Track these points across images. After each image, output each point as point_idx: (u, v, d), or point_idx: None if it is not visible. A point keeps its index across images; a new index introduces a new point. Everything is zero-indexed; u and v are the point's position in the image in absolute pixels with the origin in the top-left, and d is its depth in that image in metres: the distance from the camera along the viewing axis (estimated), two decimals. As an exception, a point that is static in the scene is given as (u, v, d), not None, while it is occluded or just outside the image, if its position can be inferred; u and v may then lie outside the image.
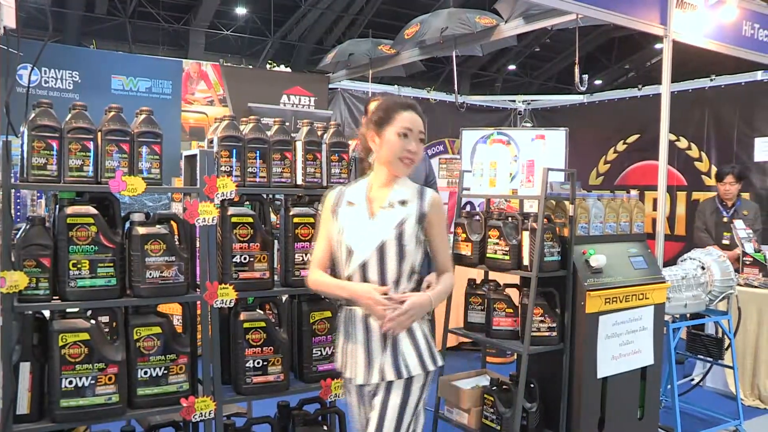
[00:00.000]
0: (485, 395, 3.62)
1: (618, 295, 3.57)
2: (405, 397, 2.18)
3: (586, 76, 5.21)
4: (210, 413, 2.63)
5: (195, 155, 2.70)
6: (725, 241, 5.50)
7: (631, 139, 7.75)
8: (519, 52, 19.55)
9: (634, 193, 4.00)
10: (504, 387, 3.62)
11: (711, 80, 6.93)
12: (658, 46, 18.22)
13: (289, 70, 8.64)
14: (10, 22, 2.32)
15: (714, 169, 6.80)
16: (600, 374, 3.51)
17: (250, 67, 12.64)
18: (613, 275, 3.59)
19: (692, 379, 5.06)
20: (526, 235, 3.46)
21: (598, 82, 20.13)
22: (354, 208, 2.28)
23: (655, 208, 5.80)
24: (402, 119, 2.23)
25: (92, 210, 2.41)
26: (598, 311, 3.49)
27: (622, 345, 3.60)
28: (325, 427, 2.99)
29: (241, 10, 17.46)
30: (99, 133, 2.46)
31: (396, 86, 8.03)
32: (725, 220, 5.53)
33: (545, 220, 3.47)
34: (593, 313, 3.47)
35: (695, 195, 5.57)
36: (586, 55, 18.75)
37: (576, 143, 7.60)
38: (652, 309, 3.72)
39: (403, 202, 2.26)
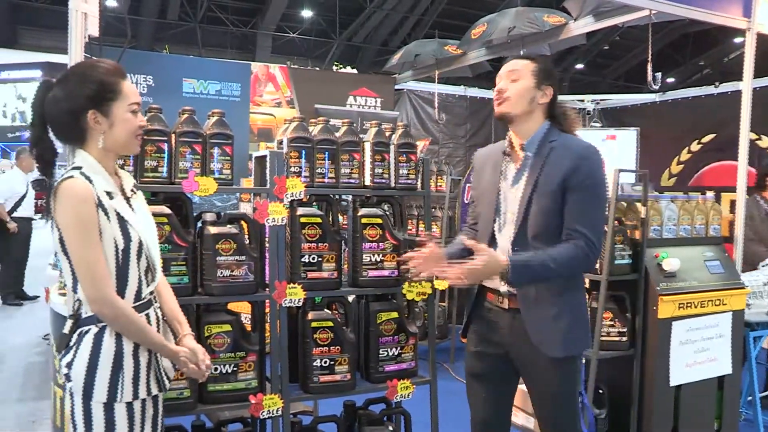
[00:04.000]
0: (553, 400, 3.55)
1: (692, 300, 3.45)
2: None
3: (659, 74, 5.03)
4: (277, 411, 2.66)
5: (265, 156, 2.75)
6: None
7: (707, 138, 7.45)
8: (587, 50, 19.16)
9: (709, 194, 3.85)
10: (577, 405, 3.54)
11: (801, 74, 6.57)
12: (737, 40, 17.51)
13: (355, 71, 8.69)
14: (94, 31, 2.41)
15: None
16: (673, 382, 3.40)
17: (317, 68, 12.79)
18: (688, 280, 3.48)
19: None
20: (595, 237, 3.38)
21: (670, 80, 19.51)
22: (118, 200, 1.94)
23: (732, 211, 5.55)
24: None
25: (166, 210, 2.48)
26: (671, 317, 3.39)
27: (697, 352, 3.48)
28: (390, 428, 2.99)
29: (306, 13, 17.71)
30: (173, 135, 2.53)
31: (462, 86, 7.98)
32: None
33: (616, 222, 3.39)
34: (666, 319, 3.37)
35: (777, 197, 5.28)
36: (658, 52, 18.16)
37: (647, 143, 7.37)
38: (730, 316, 3.58)
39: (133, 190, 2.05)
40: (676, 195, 3.78)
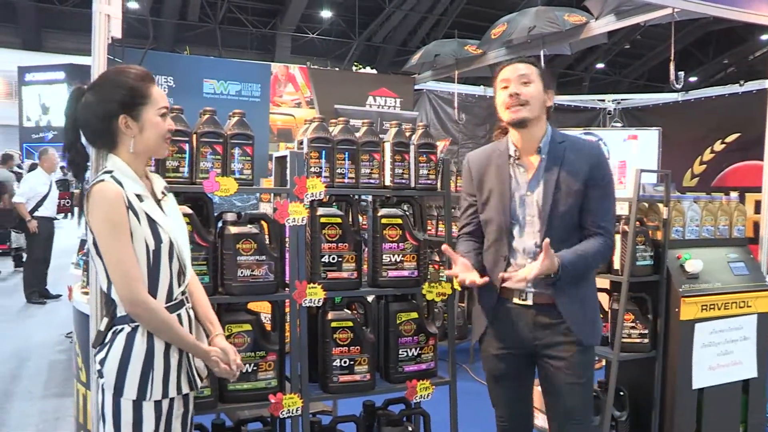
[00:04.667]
0: (573, 402, 3.53)
1: (716, 302, 3.41)
2: None
3: (682, 73, 4.97)
4: (297, 410, 2.67)
5: (285, 156, 2.75)
6: None
7: (731, 138, 7.36)
8: (608, 50, 19.03)
9: (734, 194, 3.80)
10: (592, 394, 3.52)
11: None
12: (763, 37, 17.25)
13: (374, 71, 8.70)
14: (117, 32, 2.44)
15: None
16: (696, 385, 3.36)
17: (336, 69, 12.82)
18: (711, 281, 3.44)
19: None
20: (617, 238, 3.35)
21: (693, 78, 19.29)
22: (148, 202, 1.98)
23: (757, 211, 5.47)
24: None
25: (187, 210, 2.49)
26: (693, 318, 3.35)
27: (721, 355, 3.43)
28: (410, 428, 2.99)
29: (326, 13, 17.77)
30: (194, 136, 2.54)
31: (482, 87, 7.96)
32: None
33: (637, 222, 3.36)
34: (688, 321, 3.33)
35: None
36: (681, 50, 18.02)
37: (669, 143, 7.31)
38: (755, 318, 3.53)
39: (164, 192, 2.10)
40: (699, 195, 3.73)
